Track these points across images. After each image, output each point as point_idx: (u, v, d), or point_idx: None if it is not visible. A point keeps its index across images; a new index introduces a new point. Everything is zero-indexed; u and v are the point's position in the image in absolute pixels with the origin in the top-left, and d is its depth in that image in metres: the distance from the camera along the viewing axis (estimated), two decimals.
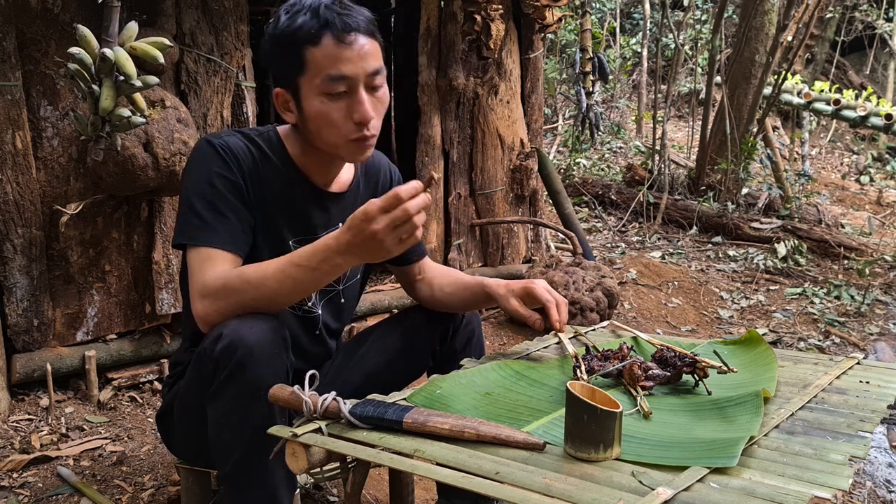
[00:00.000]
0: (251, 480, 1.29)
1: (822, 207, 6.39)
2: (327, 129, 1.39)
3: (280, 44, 1.37)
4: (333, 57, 1.33)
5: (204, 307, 1.33)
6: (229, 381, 1.26)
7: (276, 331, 1.30)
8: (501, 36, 3.56)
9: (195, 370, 1.37)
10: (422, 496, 1.96)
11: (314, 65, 1.34)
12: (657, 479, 0.98)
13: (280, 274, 1.31)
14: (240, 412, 1.27)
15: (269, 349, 1.27)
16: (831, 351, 3.60)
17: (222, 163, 1.42)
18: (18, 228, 2.31)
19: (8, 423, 2.26)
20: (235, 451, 1.29)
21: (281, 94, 1.43)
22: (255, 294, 1.31)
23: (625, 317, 3.83)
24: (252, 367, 1.24)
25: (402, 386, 1.58)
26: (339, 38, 1.33)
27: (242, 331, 1.26)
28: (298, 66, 1.35)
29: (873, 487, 2.19)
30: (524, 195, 3.93)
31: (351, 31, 1.34)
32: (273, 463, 1.26)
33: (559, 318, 1.53)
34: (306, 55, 1.34)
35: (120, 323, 2.57)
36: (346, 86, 1.36)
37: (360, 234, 1.23)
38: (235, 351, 1.24)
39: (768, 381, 1.39)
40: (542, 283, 1.57)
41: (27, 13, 2.28)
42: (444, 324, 1.68)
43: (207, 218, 1.38)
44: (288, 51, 1.35)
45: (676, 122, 10.64)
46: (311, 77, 1.35)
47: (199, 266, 1.36)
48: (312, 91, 1.36)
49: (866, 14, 10.98)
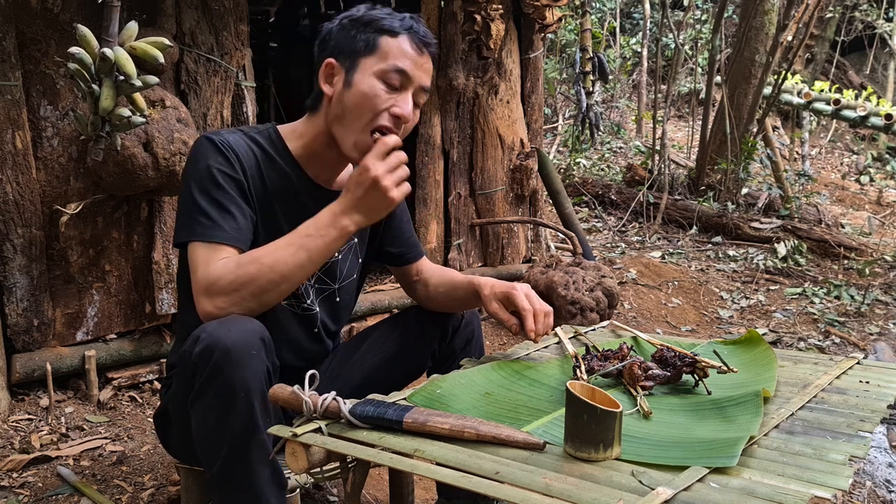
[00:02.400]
0: (236, 481, 1.28)
1: (822, 207, 6.39)
2: (364, 108, 1.42)
3: (360, 24, 1.44)
4: (404, 54, 1.43)
5: (214, 303, 1.32)
6: (208, 383, 1.25)
7: (255, 332, 1.28)
8: (501, 36, 3.56)
9: (179, 373, 1.37)
10: (422, 496, 1.96)
11: (385, 51, 1.42)
12: (657, 479, 0.98)
13: (291, 248, 1.35)
14: (219, 414, 1.25)
15: (246, 350, 1.25)
16: (831, 351, 3.60)
17: (223, 159, 1.42)
18: (18, 228, 2.31)
19: (8, 422, 2.26)
20: (218, 453, 1.28)
21: (331, 65, 1.46)
22: (270, 274, 1.33)
23: (625, 317, 3.83)
24: (229, 368, 1.23)
25: (401, 386, 1.58)
26: (416, 43, 1.44)
27: (219, 333, 1.25)
28: (369, 46, 1.42)
29: (873, 487, 2.19)
30: (524, 195, 3.93)
31: (427, 46, 1.46)
32: (258, 463, 1.26)
33: (534, 328, 1.50)
34: (381, 41, 1.43)
35: (120, 323, 2.57)
36: (401, 82, 1.42)
37: (362, 186, 1.35)
38: (212, 353, 1.23)
39: (768, 381, 1.39)
40: (525, 289, 1.54)
41: (27, 13, 2.28)
42: (444, 324, 1.68)
43: (211, 214, 1.38)
44: (365, 32, 1.43)
45: (676, 122, 10.64)
46: (377, 60, 1.42)
47: (204, 262, 1.35)
48: (372, 71, 1.42)
49: (866, 14, 10.98)
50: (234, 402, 1.23)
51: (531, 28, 3.91)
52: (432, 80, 1.58)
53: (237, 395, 1.23)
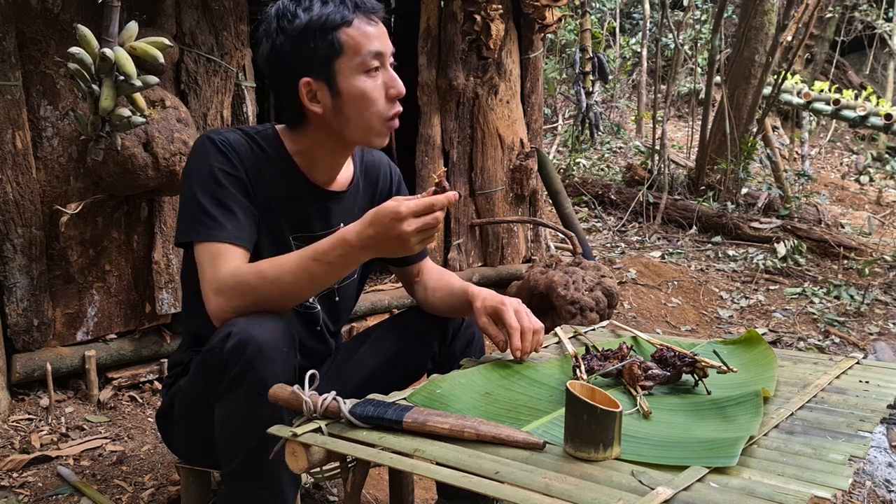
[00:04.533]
0: (258, 479, 1.30)
1: (822, 207, 6.39)
2: (367, 108, 1.42)
3: (310, 32, 1.38)
4: (368, 34, 1.40)
5: (218, 303, 1.33)
6: (238, 379, 1.26)
7: (285, 329, 1.31)
8: (501, 36, 3.56)
9: (201, 369, 1.37)
10: (422, 496, 1.96)
11: (352, 44, 1.39)
12: (657, 479, 0.98)
13: (296, 268, 1.33)
14: (248, 411, 1.27)
15: (278, 348, 1.27)
16: (831, 351, 3.60)
17: (224, 158, 1.42)
18: (18, 228, 2.31)
19: (8, 422, 2.26)
20: (243, 450, 1.29)
21: (309, 84, 1.41)
22: (271, 289, 1.32)
23: (624, 316, 3.83)
24: (262, 365, 1.25)
25: (401, 386, 1.58)
26: (369, 17, 1.41)
27: (252, 329, 1.26)
28: (335, 48, 1.39)
29: (873, 487, 2.19)
30: (524, 195, 3.93)
31: (376, 11, 1.43)
32: (280, 462, 1.27)
33: (519, 347, 1.47)
34: (341, 37, 1.39)
35: (120, 323, 2.57)
36: (379, 61, 1.42)
37: (388, 233, 1.27)
38: (245, 349, 1.24)
39: (768, 381, 1.39)
40: (515, 305, 1.50)
41: (27, 13, 2.28)
42: (444, 326, 1.68)
43: (214, 213, 1.38)
44: (321, 37, 1.38)
45: (676, 122, 10.64)
46: (350, 56, 1.39)
47: (211, 262, 1.36)
48: (353, 70, 1.40)
49: (866, 14, 10.98)
50: (266, 398, 1.24)
51: (531, 28, 3.91)
52: (430, 80, 1.58)
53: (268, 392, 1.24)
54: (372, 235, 1.28)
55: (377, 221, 1.27)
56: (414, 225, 1.25)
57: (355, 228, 1.30)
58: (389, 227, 1.26)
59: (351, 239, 1.30)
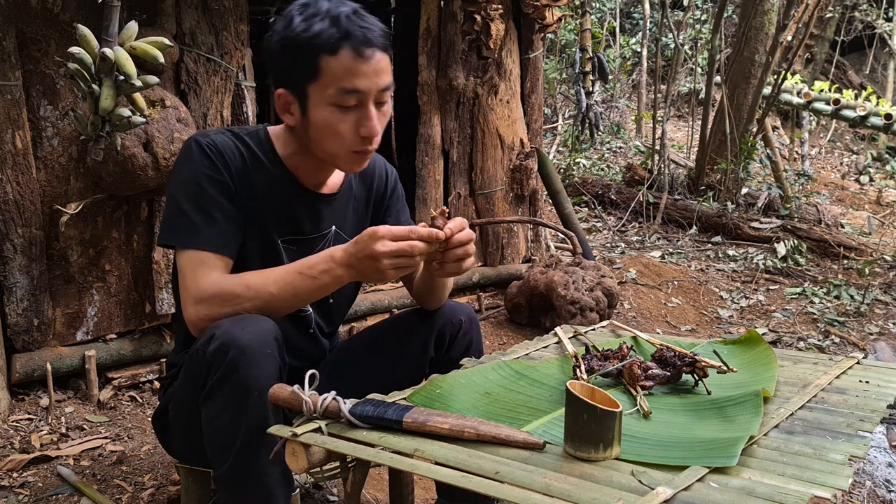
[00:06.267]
0: (247, 480, 1.29)
1: (822, 207, 6.39)
2: (331, 139, 1.38)
3: (294, 47, 1.33)
4: (350, 70, 1.31)
5: (198, 312, 1.34)
6: (222, 381, 1.26)
7: (269, 331, 1.30)
8: (501, 36, 3.56)
9: (188, 371, 1.36)
10: (422, 496, 1.96)
11: (329, 75, 1.32)
12: (657, 479, 0.98)
13: (281, 281, 1.33)
14: (233, 413, 1.26)
15: (261, 349, 1.26)
16: (831, 351, 3.60)
17: (209, 163, 1.41)
18: (18, 228, 2.31)
19: (8, 422, 2.26)
20: (230, 452, 1.28)
21: (284, 96, 1.40)
22: (255, 300, 1.33)
23: (624, 316, 3.83)
24: (244, 367, 1.24)
25: (402, 386, 1.58)
26: (358, 51, 1.31)
27: (234, 331, 1.26)
28: (312, 72, 1.33)
29: (873, 487, 2.19)
30: (524, 195, 3.93)
31: (370, 45, 1.32)
32: (268, 463, 1.26)
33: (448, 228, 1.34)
34: (321, 63, 1.31)
35: (120, 322, 2.57)
36: (357, 100, 1.34)
37: (363, 250, 1.28)
38: (227, 351, 1.24)
39: (768, 381, 1.39)
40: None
41: (27, 13, 2.28)
42: (441, 331, 1.64)
43: (195, 220, 1.38)
44: (302, 56, 1.32)
45: (676, 122, 10.64)
46: (324, 86, 1.33)
47: (192, 271, 1.36)
48: (323, 100, 1.34)
49: (866, 14, 10.98)
50: (249, 400, 1.24)
51: (531, 28, 3.91)
52: (430, 80, 1.56)
53: (251, 394, 1.24)
54: (353, 253, 1.30)
55: (359, 239, 1.29)
56: (388, 247, 1.25)
57: (343, 245, 1.32)
58: (365, 246, 1.27)
59: (336, 255, 1.32)
